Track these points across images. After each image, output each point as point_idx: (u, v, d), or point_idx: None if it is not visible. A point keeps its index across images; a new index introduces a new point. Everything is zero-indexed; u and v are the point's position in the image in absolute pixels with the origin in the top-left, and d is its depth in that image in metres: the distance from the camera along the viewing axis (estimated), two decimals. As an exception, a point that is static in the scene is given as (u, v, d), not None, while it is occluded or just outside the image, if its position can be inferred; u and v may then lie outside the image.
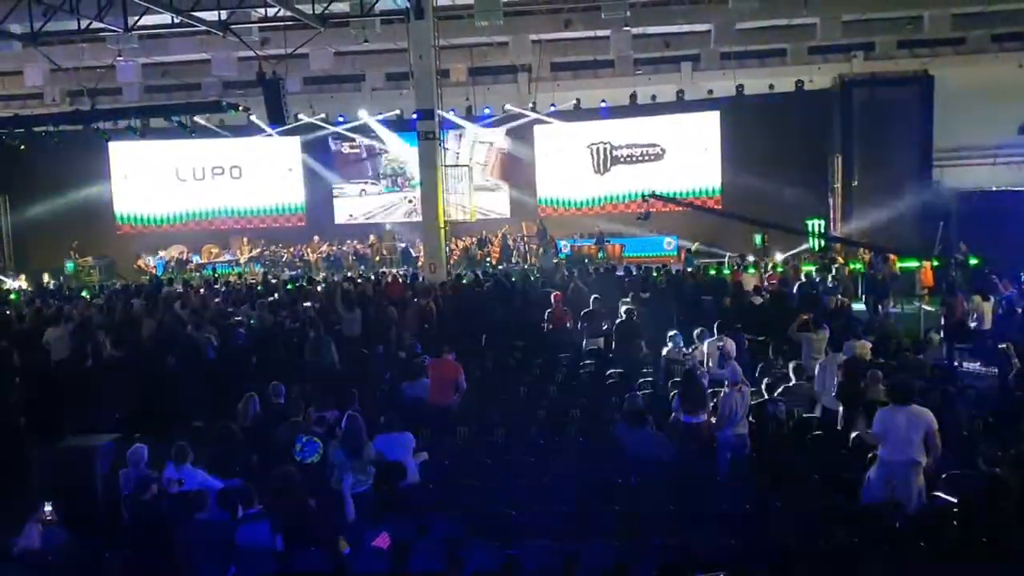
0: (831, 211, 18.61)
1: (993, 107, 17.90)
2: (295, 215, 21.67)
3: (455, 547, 5.01)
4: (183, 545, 4.93)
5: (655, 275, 13.26)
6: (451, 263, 16.91)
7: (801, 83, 18.54)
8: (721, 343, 7.80)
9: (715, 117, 19.27)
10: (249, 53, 15.73)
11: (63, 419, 7.60)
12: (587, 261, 17.92)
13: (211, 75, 19.10)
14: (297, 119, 19.50)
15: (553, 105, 20.05)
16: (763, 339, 10.12)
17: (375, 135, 20.89)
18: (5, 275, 18.69)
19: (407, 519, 5.46)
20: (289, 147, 21.23)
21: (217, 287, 14.76)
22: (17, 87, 19.98)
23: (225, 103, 15.96)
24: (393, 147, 20.92)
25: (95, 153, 19.71)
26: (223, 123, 20.17)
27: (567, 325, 10.48)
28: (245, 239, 20.46)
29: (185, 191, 21.46)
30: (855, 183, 18.09)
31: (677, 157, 19.83)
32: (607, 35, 17.46)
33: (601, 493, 5.81)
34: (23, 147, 16.70)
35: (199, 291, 14.01)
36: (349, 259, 19.70)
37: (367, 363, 9.38)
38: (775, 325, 10.36)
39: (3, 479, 6.42)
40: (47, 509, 5.07)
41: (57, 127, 16.14)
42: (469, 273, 16.15)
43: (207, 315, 11.16)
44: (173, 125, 16.16)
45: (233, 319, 11.04)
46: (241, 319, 11.09)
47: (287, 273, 18.28)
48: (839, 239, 16.99)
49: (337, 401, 6.87)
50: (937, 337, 10.09)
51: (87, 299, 13.52)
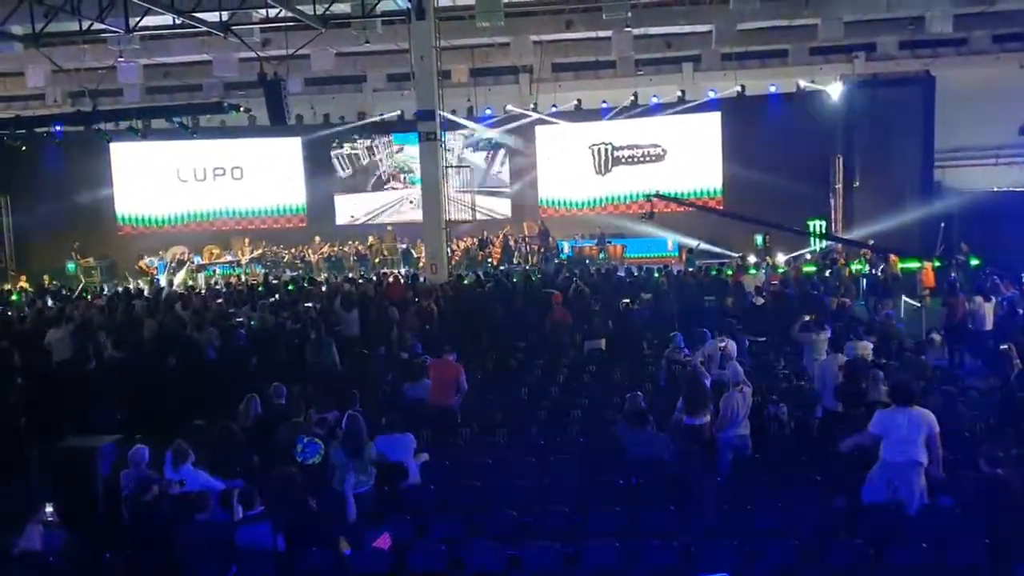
0: (832, 212, 18.59)
1: (994, 108, 17.89)
2: (296, 216, 21.68)
3: (456, 547, 5.01)
4: (184, 546, 4.94)
5: (656, 276, 13.25)
6: (452, 264, 16.91)
7: (802, 84, 18.54)
8: (723, 344, 7.79)
9: (716, 118, 19.26)
10: (250, 54, 15.73)
11: (64, 420, 7.60)
12: (588, 262, 17.92)
13: (212, 76, 19.12)
14: (298, 120, 19.51)
15: (554, 106, 20.06)
16: (764, 340, 10.13)
17: (376, 135, 20.90)
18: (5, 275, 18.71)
19: (408, 520, 5.46)
20: (290, 148, 21.25)
21: (218, 288, 14.77)
22: (19, 88, 19.99)
23: (226, 104, 15.97)
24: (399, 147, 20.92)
25: (96, 154, 19.74)
26: (224, 124, 20.20)
27: (568, 324, 10.47)
28: (246, 240, 20.45)
29: (186, 192, 21.48)
30: (856, 184, 18.09)
31: (678, 158, 19.82)
32: (608, 36, 17.46)
33: (602, 494, 5.81)
34: (24, 148, 16.74)
35: (201, 291, 14.02)
36: (350, 260, 19.70)
37: (368, 364, 9.38)
38: (776, 326, 10.37)
39: (4, 480, 6.42)
40: (48, 510, 5.07)
41: (58, 128, 16.17)
42: (470, 274, 16.15)
43: (208, 316, 11.17)
44: (174, 126, 16.17)
45: (234, 320, 11.05)
46: (242, 320, 11.10)
47: (288, 274, 18.27)
48: (841, 239, 16.98)
49: (338, 402, 6.87)
50: (939, 338, 10.08)
51: (88, 299, 13.53)
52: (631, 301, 11.08)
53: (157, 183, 21.20)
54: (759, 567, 4.81)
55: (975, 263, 14.29)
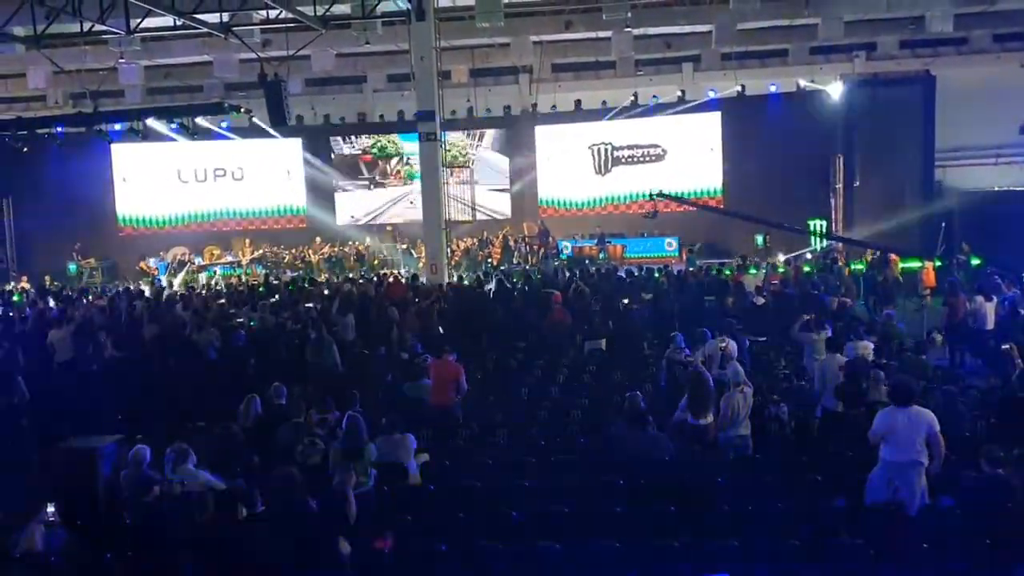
0: (833, 212, 18.58)
1: (995, 107, 17.89)
2: (296, 216, 21.70)
3: (456, 548, 5.01)
4: (185, 546, 4.94)
5: (656, 276, 13.25)
6: (452, 264, 16.91)
7: (802, 84, 18.53)
8: (723, 344, 7.78)
9: (716, 118, 19.26)
10: (251, 55, 15.74)
11: (65, 420, 7.60)
12: (588, 262, 17.92)
13: (213, 77, 19.14)
14: (299, 120, 19.53)
15: (554, 106, 20.06)
16: (765, 340, 10.12)
17: (376, 136, 20.90)
18: (6, 278, 18.72)
19: (408, 520, 5.46)
20: (291, 149, 21.27)
21: (218, 288, 14.78)
22: (20, 89, 20.04)
23: (227, 105, 15.97)
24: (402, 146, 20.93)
25: (97, 155, 19.77)
26: (225, 124, 20.21)
27: (567, 325, 10.46)
28: (247, 240, 20.48)
29: (187, 193, 21.51)
30: (857, 183, 18.07)
31: (678, 158, 19.82)
32: (608, 36, 17.46)
33: (602, 494, 5.81)
34: (26, 149, 16.74)
35: (201, 292, 14.03)
36: (350, 260, 19.72)
37: (368, 364, 9.38)
38: (777, 326, 10.37)
39: (5, 480, 6.42)
40: (49, 510, 5.07)
41: (60, 129, 16.17)
42: (470, 274, 16.15)
43: (209, 316, 11.18)
44: (173, 127, 16.18)
45: (235, 320, 11.06)
46: (242, 320, 11.10)
47: (288, 274, 18.29)
48: (842, 239, 16.96)
49: (338, 402, 6.88)
50: (939, 338, 10.08)
51: (89, 300, 13.54)
52: (630, 301, 11.07)
53: (158, 184, 21.23)
54: (759, 567, 4.81)
55: (976, 263, 14.27)
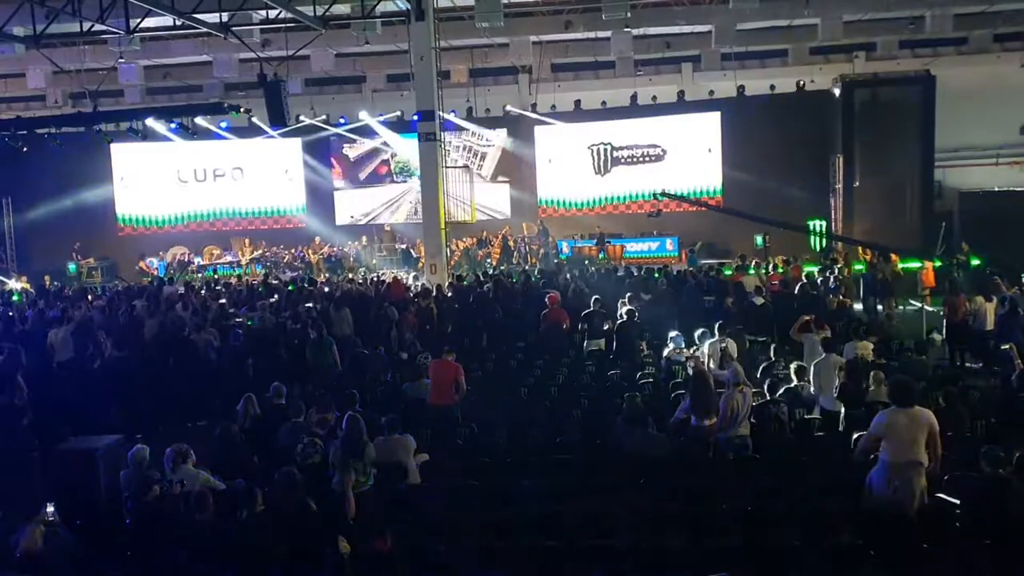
0: (832, 212, 18.59)
1: (995, 107, 17.90)
2: (296, 216, 21.70)
3: (455, 548, 5.01)
4: (185, 546, 4.94)
5: (656, 276, 13.25)
6: (452, 264, 16.91)
7: (802, 84, 18.53)
8: (723, 344, 7.78)
9: (716, 118, 19.26)
10: (250, 55, 15.76)
11: (65, 420, 7.60)
12: (588, 262, 17.92)
13: (212, 77, 19.16)
14: (298, 120, 19.53)
15: (554, 106, 20.07)
16: (764, 340, 10.12)
17: (377, 136, 20.90)
18: (6, 275, 18.71)
19: (408, 520, 5.46)
20: (290, 149, 21.26)
21: (218, 289, 14.78)
22: (20, 89, 20.04)
23: (226, 105, 15.97)
24: (398, 147, 20.93)
25: (97, 155, 19.76)
26: (225, 124, 20.21)
27: (563, 325, 10.45)
28: (246, 240, 20.48)
29: (186, 193, 21.51)
30: (857, 184, 18.06)
31: (678, 158, 19.82)
32: (608, 36, 17.47)
33: (602, 494, 5.81)
34: (25, 149, 16.73)
35: (201, 292, 14.03)
36: (350, 260, 19.72)
37: (368, 364, 9.38)
38: (777, 326, 10.36)
39: (6, 480, 6.42)
40: (49, 510, 5.07)
41: (59, 129, 16.16)
42: (470, 274, 16.15)
43: (208, 316, 11.18)
44: (174, 127, 16.18)
45: (234, 320, 11.05)
46: (241, 320, 11.10)
47: (288, 274, 18.29)
48: (843, 238, 16.95)
49: (338, 402, 6.88)
50: (939, 338, 10.07)
51: (89, 300, 13.53)
52: (631, 301, 11.07)
53: (157, 184, 21.23)
54: (760, 568, 4.81)
55: (976, 263, 14.27)
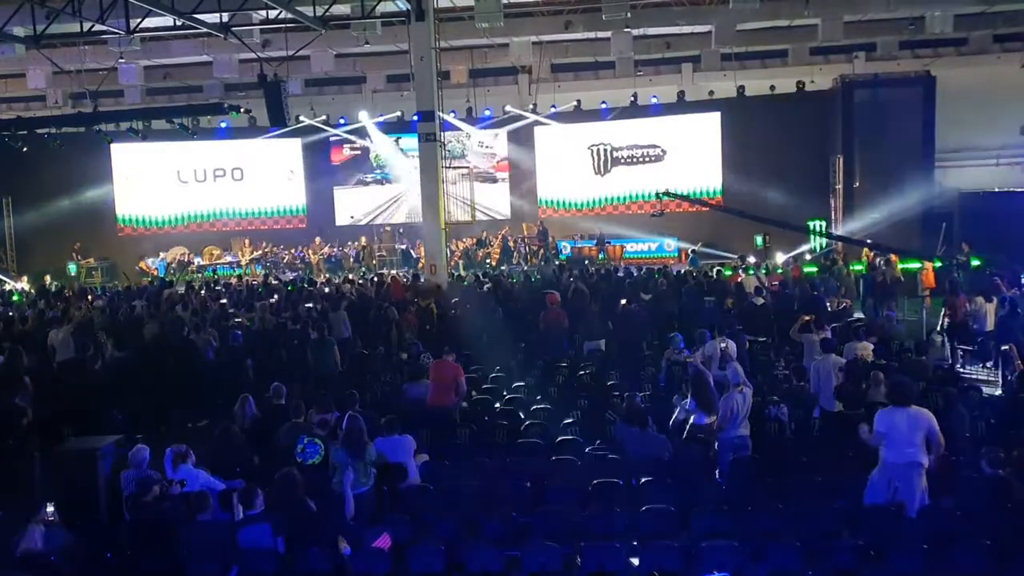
0: (832, 212, 18.58)
1: (995, 108, 17.88)
2: (296, 217, 21.71)
3: (455, 548, 5.01)
4: (185, 546, 4.94)
5: (656, 276, 13.25)
6: (451, 264, 16.91)
7: (802, 84, 18.52)
8: (723, 344, 7.78)
9: (716, 118, 19.26)
10: (250, 55, 15.75)
11: (65, 420, 7.60)
12: (588, 262, 17.92)
13: (212, 77, 19.14)
14: (298, 121, 19.53)
15: (554, 107, 20.07)
16: (764, 340, 10.12)
17: (377, 136, 20.92)
18: (7, 276, 18.72)
19: (407, 520, 5.46)
20: (290, 149, 21.27)
21: (219, 288, 14.79)
22: (20, 89, 20.02)
23: (227, 105, 15.98)
24: (382, 148, 20.90)
25: (97, 155, 19.76)
26: (225, 125, 20.21)
27: (563, 325, 10.45)
28: (246, 241, 20.48)
29: (186, 193, 21.50)
30: (856, 184, 18.07)
31: (678, 158, 19.82)
32: (608, 36, 17.46)
33: (602, 494, 5.81)
34: (26, 149, 16.74)
35: (201, 293, 14.04)
36: (350, 260, 19.72)
37: (367, 364, 9.38)
38: (776, 326, 10.37)
39: (6, 480, 6.42)
40: (49, 510, 5.07)
41: (59, 129, 16.17)
42: (469, 274, 16.15)
43: (208, 317, 11.17)
44: (175, 127, 16.19)
45: (234, 320, 11.05)
46: (241, 320, 11.10)
47: (288, 275, 18.29)
48: (844, 238, 16.93)
49: (338, 402, 6.88)
50: (939, 338, 10.07)
51: (89, 300, 13.53)
52: (628, 301, 11.08)
53: (157, 184, 21.22)
54: (760, 568, 4.81)
55: (976, 263, 14.26)
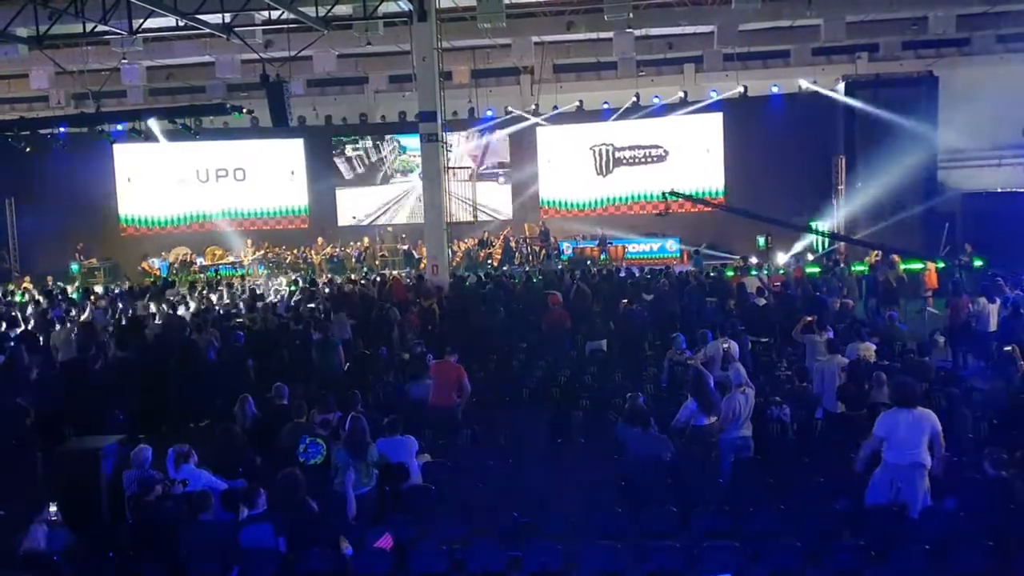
0: (835, 213, 18.55)
1: (998, 108, 17.82)
2: (298, 217, 21.73)
3: (457, 548, 5.01)
4: (187, 546, 4.94)
5: (659, 277, 13.24)
6: (453, 265, 16.92)
7: (805, 85, 18.50)
8: (725, 345, 7.77)
9: (718, 119, 19.26)
10: (253, 56, 15.75)
11: (68, 420, 7.61)
12: (589, 263, 17.91)
13: (215, 78, 19.16)
14: (300, 121, 19.54)
15: (556, 107, 20.07)
16: (767, 341, 10.11)
17: (378, 136, 20.93)
18: (8, 278, 18.76)
19: (409, 520, 5.46)
20: (293, 149, 21.29)
21: (221, 289, 14.81)
22: (23, 90, 20.06)
23: (229, 105, 15.99)
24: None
25: (100, 156, 19.81)
26: (227, 125, 20.23)
27: (565, 326, 10.44)
28: (249, 241, 20.52)
29: (189, 193, 21.54)
30: (859, 185, 18.05)
31: (680, 159, 19.82)
32: (610, 37, 17.46)
33: (604, 495, 5.81)
34: (29, 150, 16.77)
35: (202, 293, 14.06)
36: (352, 261, 19.73)
37: (370, 364, 9.39)
38: (779, 327, 10.35)
39: (9, 480, 6.44)
40: (52, 510, 5.08)
41: (62, 129, 16.19)
42: (471, 275, 16.15)
43: (210, 317, 11.19)
44: (177, 127, 16.21)
45: (235, 320, 11.06)
46: (242, 320, 11.12)
47: (291, 275, 18.31)
48: (847, 239, 16.92)
49: (340, 402, 6.88)
50: (942, 339, 10.05)
51: (92, 300, 13.56)
52: (629, 301, 11.07)
53: (160, 184, 21.26)
54: (761, 569, 4.80)
55: (979, 264, 14.24)
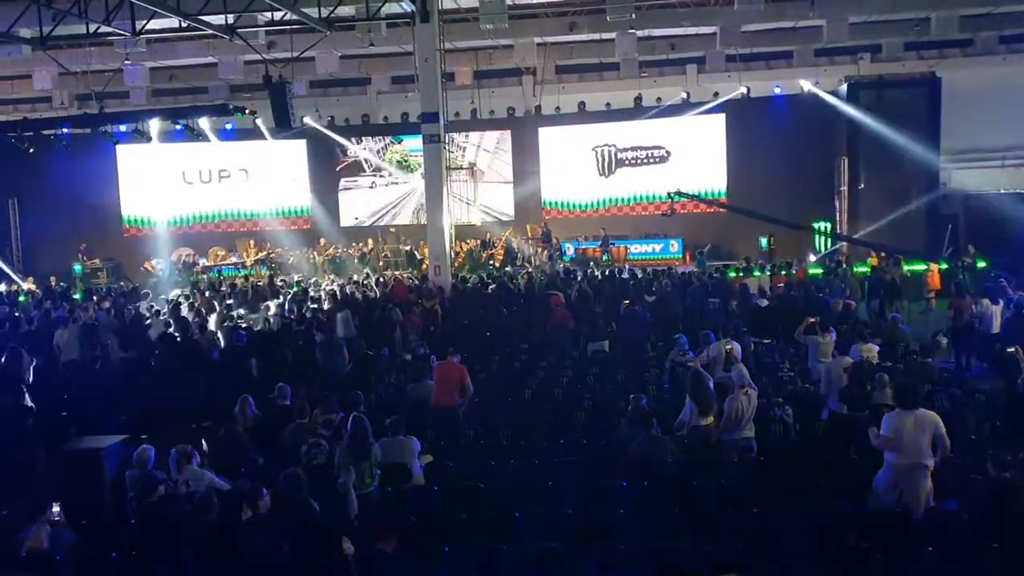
0: (838, 214, 18.53)
1: (1001, 109, 17.81)
2: (301, 218, 21.76)
3: (458, 549, 5.01)
4: (190, 547, 4.95)
5: (661, 277, 13.24)
6: (455, 266, 16.93)
7: (807, 86, 18.48)
8: (728, 346, 7.76)
9: (721, 119, 19.24)
10: (256, 57, 15.79)
11: (71, 420, 7.62)
12: (592, 264, 17.91)
13: (218, 79, 19.20)
14: (303, 122, 19.57)
15: (558, 108, 20.07)
16: (769, 342, 10.10)
17: (380, 137, 20.94)
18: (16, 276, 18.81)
19: (412, 521, 5.46)
20: (295, 150, 21.32)
21: (223, 289, 14.83)
22: (26, 91, 20.13)
23: (232, 106, 16.00)
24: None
25: (103, 156, 19.85)
26: (229, 126, 20.26)
27: (568, 327, 10.44)
28: (251, 241, 20.55)
29: (192, 194, 21.59)
30: (862, 186, 18.03)
31: (682, 160, 19.81)
32: (612, 38, 17.46)
33: (606, 496, 5.80)
34: (32, 150, 16.80)
35: (205, 293, 14.09)
36: (354, 261, 19.75)
37: (372, 365, 9.39)
38: (781, 328, 10.34)
39: (11, 480, 6.45)
40: (54, 510, 5.09)
41: (65, 130, 16.19)
42: (473, 276, 16.16)
43: (213, 318, 11.21)
44: (180, 128, 16.24)
45: (238, 321, 11.08)
46: (245, 322, 11.14)
47: (293, 276, 18.34)
48: (850, 239, 16.88)
49: (342, 403, 6.89)
50: (945, 340, 10.03)
51: (95, 300, 13.59)
52: (631, 302, 11.06)
53: (163, 185, 21.30)
54: (764, 570, 4.79)
55: (982, 265, 14.21)
